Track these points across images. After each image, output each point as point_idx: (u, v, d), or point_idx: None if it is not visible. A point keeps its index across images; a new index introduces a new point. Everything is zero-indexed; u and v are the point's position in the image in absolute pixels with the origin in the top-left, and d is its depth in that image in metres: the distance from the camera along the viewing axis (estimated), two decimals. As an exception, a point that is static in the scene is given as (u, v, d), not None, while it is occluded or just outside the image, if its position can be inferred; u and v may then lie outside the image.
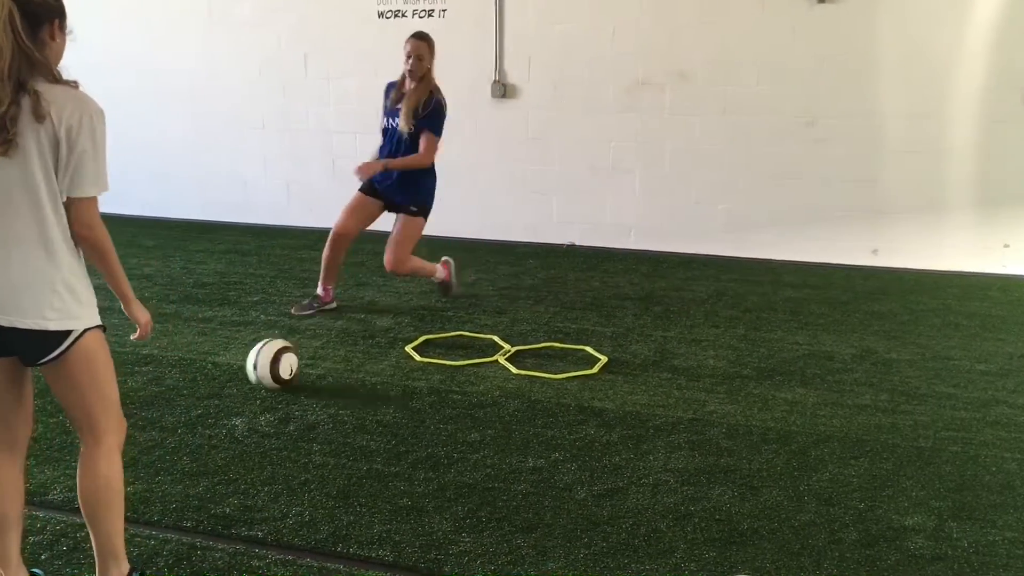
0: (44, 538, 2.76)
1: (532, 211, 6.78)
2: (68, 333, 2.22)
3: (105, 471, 2.36)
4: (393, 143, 4.82)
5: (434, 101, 4.76)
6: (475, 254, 6.50)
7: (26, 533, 2.58)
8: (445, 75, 6.78)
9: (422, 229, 4.99)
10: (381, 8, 6.76)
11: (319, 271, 5.04)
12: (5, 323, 2.17)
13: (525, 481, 3.15)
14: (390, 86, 4.94)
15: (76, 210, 2.19)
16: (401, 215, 4.92)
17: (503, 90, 6.63)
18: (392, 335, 4.68)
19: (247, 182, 7.45)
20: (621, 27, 6.30)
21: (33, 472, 3.16)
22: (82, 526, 2.81)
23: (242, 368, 4.14)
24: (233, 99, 7.28)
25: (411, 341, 4.55)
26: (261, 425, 3.58)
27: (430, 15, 6.67)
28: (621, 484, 3.13)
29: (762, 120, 6.15)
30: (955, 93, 5.79)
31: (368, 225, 5.04)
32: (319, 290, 5.03)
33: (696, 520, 2.90)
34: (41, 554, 2.68)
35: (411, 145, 4.75)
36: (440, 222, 7.05)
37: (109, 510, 2.40)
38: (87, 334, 2.27)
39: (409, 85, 4.79)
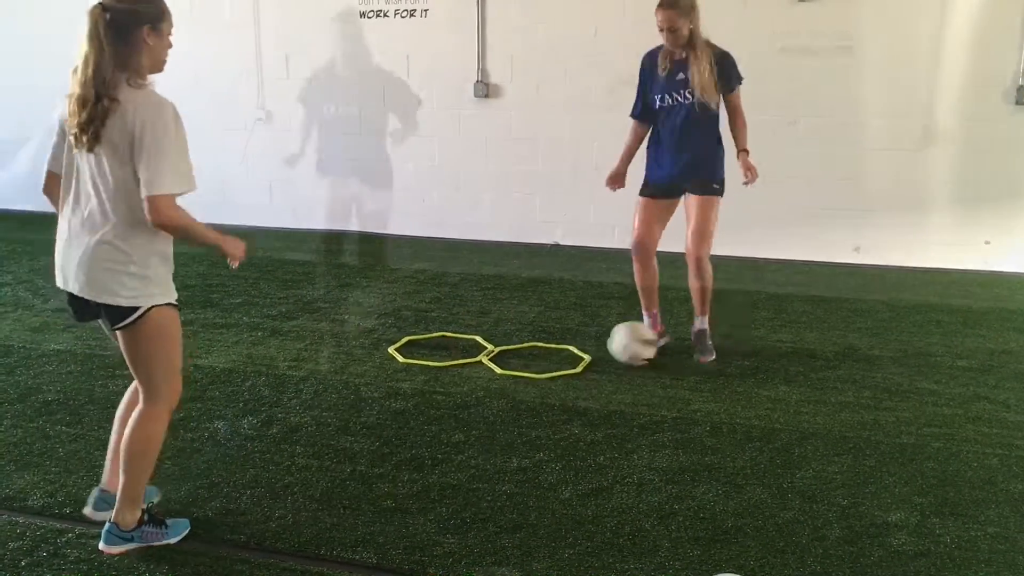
0: (24, 544, 2.73)
1: (516, 211, 6.78)
2: (135, 308, 2.54)
3: (149, 429, 2.70)
4: (679, 120, 4.25)
5: (722, 56, 4.19)
6: (459, 253, 6.49)
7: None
8: (427, 75, 6.85)
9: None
10: (363, 8, 6.74)
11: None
12: (91, 297, 2.53)
13: (509, 481, 3.14)
14: (651, 58, 4.32)
15: (149, 204, 2.42)
16: (697, 197, 4.35)
17: (486, 90, 6.62)
18: (375, 336, 4.66)
19: (229, 182, 7.40)
20: (603, 27, 6.31)
21: (12, 477, 3.13)
22: (62, 531, 2.79)
23: (225, 370, 4.12)
24: (215, 99, 7.23)
25: (394, 342, 4.53)
26: (244, 428, 3.56)
27: (412, 15, 6.65)
28: (606, 483, 3.13)
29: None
30: (936, 91, 5.83)
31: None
32: (647, 321, 4.43)
33: (680, 519, 2.90)
34: (20, 560, 2.65)
35: (701, 114, 4.23)
36: (423, 222, 7.11)
37: (141, 459, 2.71)
38: (153, 311, 2.56)
39: (680, 55, 4.18)
